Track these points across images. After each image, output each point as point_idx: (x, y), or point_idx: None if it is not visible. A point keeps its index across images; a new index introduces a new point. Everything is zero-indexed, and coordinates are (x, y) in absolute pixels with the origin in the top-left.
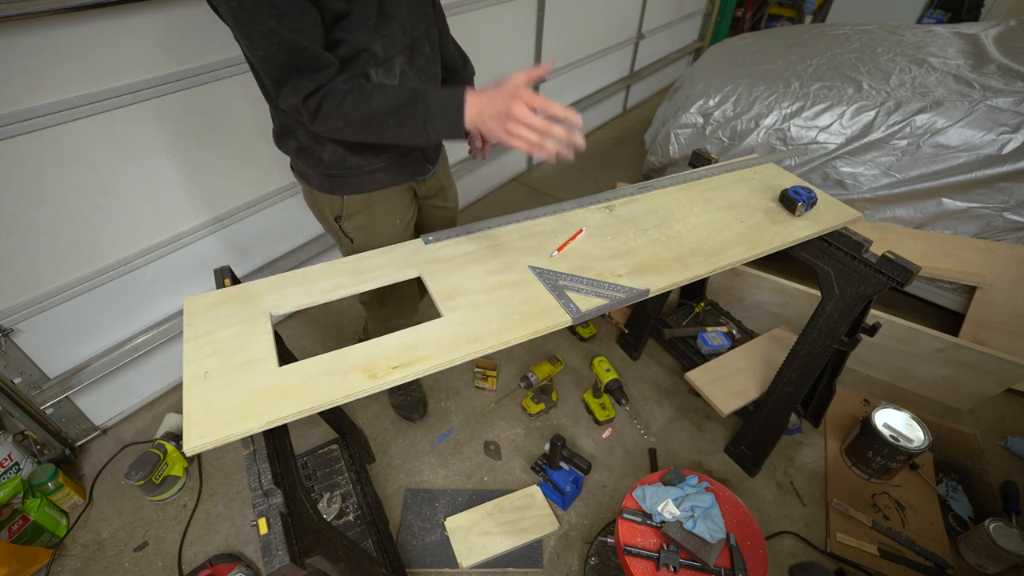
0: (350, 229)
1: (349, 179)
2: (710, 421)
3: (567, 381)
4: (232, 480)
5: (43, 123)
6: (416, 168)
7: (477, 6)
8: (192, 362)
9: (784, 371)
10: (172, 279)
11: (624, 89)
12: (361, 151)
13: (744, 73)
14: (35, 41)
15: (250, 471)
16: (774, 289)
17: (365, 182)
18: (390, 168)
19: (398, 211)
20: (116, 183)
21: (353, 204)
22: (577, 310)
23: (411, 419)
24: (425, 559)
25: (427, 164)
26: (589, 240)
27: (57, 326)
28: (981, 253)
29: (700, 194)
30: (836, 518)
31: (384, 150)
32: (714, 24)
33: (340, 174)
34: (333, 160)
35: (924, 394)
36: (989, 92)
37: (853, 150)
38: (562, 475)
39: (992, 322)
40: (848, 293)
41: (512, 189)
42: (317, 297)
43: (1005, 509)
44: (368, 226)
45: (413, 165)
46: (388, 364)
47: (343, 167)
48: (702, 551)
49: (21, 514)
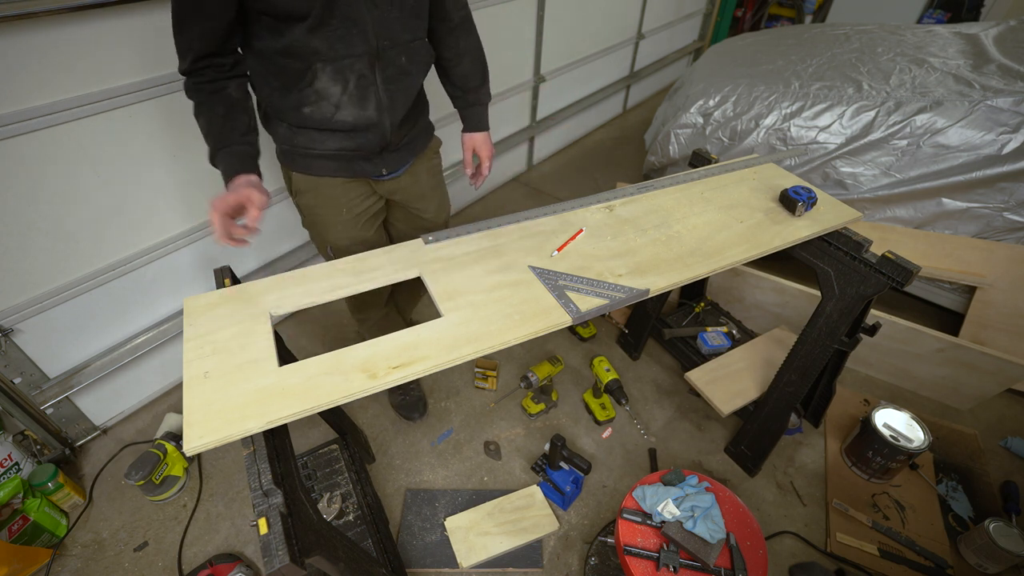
0: (300, 205)
1: (298, 157)
2: (710, 421)
3: (567, 381)
4: (232, 480)
5: (43, 123)
6: (364, 168)
7: (477, 6)
8: (192, 362)
9: (784, 371)
10: (172, 279)
11: (624, 89)
12: (306, 134)
13: (744, 73)
14: (35, 41)
15: (250, 471)
16: (774, 289)
17: (311, 165)
18: (336, 159)
19: (345, 201)
20: (116, 183)
21: (301, 181)
22: (577, 310)
23: (411, 419)
24: (425, 559)
25: (381, 168)
26: (589, 240)
27: (57, 326)
28: (981, 253)
29: (700, 194)
30: (836, 518)
31: (327, 141)
32: (714, 24)
33: (289, 150)
34: (285, 135)
35: (924, 394)
36: (989, 92)
37: (853, 150)
38: (562, 475)
39: (992, 322)
40: (848, 293)
41: (512, 189)
42: (317, 297)
43: (1005, 509)
44: (314, 207)
45: (360, 164)
46: (388, 364)
47: (291, 144)
48: (702, 551)
49: (21, 514)
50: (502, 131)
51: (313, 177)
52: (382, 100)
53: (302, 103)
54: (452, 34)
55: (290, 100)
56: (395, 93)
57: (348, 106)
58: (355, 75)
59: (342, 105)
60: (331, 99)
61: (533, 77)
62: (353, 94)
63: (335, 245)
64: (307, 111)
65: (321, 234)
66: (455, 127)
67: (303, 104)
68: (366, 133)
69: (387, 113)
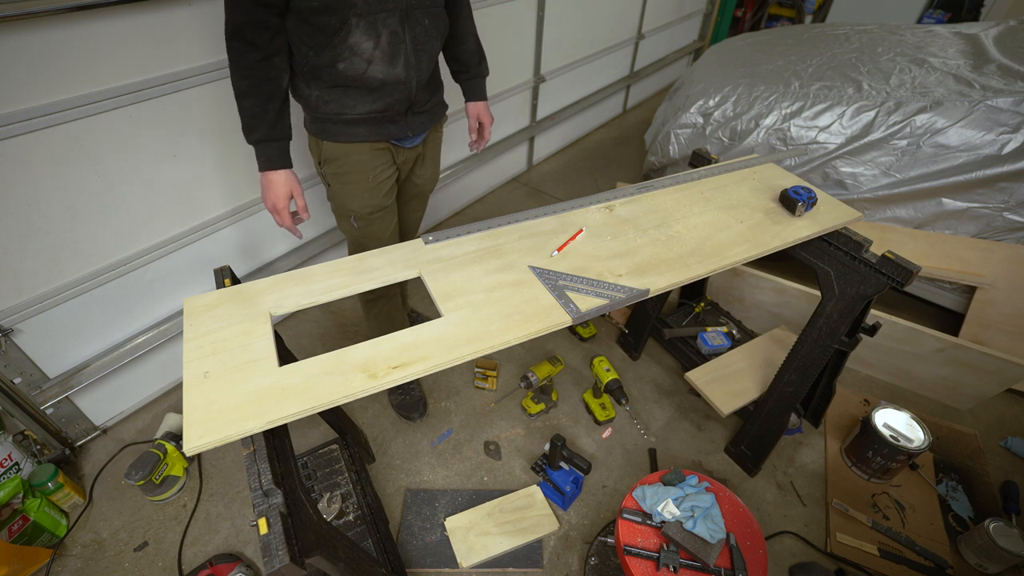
0: (328, 174)
1: (328, 126)
2: (710, 421)
3: (567, 381)
4: (232, 480)
5: (43, 123)
6: (393, 131)
7: (477, 6)
8: (192, 362)
9: (784, 371)
10: (172, 279)
11: (624, 89)
12: (340, 100)
13: (744, 73)
14: (35, 41)
15: (250, 471)
16: (774, 289)
17: (342, 132)
18: (367, 123)
19: (371, 167)
20: (116, 183)
21: (331, 150)
22: (577, 310)
23: (411, 419)
24: (425, 559)
25: (406, 130)
26: (589, 240)
27: (57, 326)
28: (981, 253)
29: (700, 194)
30: (836, 518)
31: (358, 104)
32: (714, 24)
33: (321, 119)
34: (316, 104)
35: (924, 394)
36: (989, 92)
37: (853, 150)
38: (562, 475)
39: (992, 322)
40: (848, 293)
41: (512, 189)
42: (317, 297)
43: (1005, 509)
44: (343, 175)
45: (390, 127)
46: (388, 364)
47: (323, 113)
48: (702, 551)
49: (21, 514)
50: (502, 131)
51: (343, 144)
52: (410, 59)
53: (336, 59)
54: (460, 15)
55: (324, 58)
56: (420, 54)
57: (380, 62)
58: (387, 31)
59: (374, 60)
60: (363, 54)
61: (533, 77)
62: (385, 50)
63: (359, 213)
64: (341, 67)
65: (345, 203)
66: (455, 128)
67: (337, 60)
68: (395, 90)
69: (414, 72)
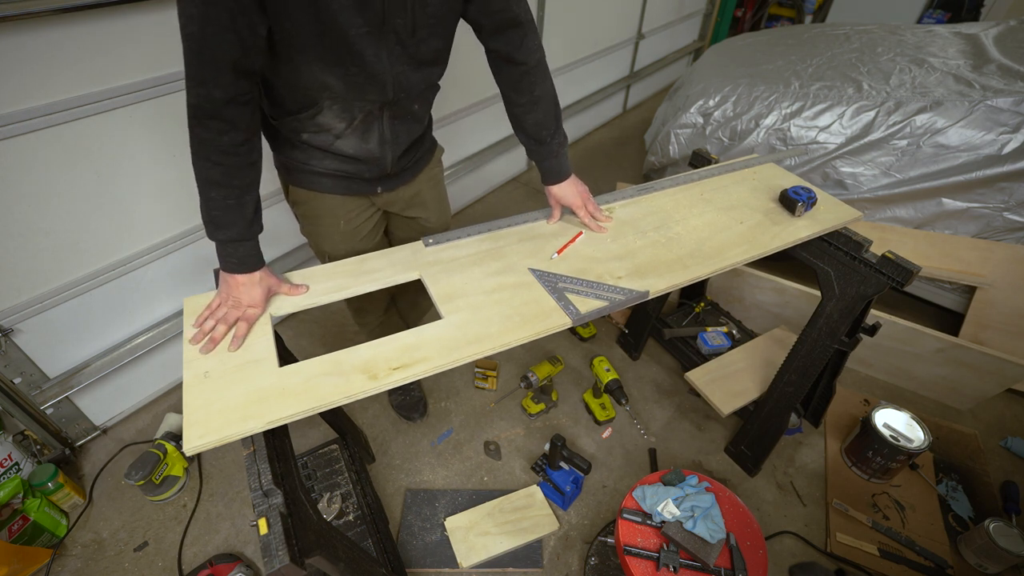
0: (297, 214)
1: (294, 172)
2: (710, 421)
3: (567, 381)
4: (232, 480)
5: (43, 123)
6: (362, 187)
7: None
8: (192, 362)
9: (784, 371)
10: (172, 279)
11: (624, 89)
12: (305, 150)
13: (744, 73)
14: (35, 41)
15: (250, 471)
16: (774, 289)
17: (307, 180)
18: (333, 178)
19: (342, 214)
20: (116, 183)
21: (297, 193)
22: (577, 312)
23: (411, 419)
24: (425, 559)
25: (377, 187)
26: (589, 242)
27: (57, 326)
28: (981, 253)
29: (700, 195)
30: (836, 518)
31: (325, 160)
32: (714, 24)
33: (286, 162)
34: (280, 147)
35: (924, 394)
36: (989, 92)
37: (853, 150)
38: (562, 475)
39: (992, 322)
40: (848, 293)
41: (512, 189)
42: (317, 297)
43: (1005, 509)
44: (311, 218)
45: (358, 185)
46: (389, 365)
47: (288, 156)
48: (702, 551)
49: (21, 514)
50: (502, 131)
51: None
52: (385, 135)
53: (301, 131)
54: (527, 78)
55: (287, 125)
56: (399, 129)
57: (350, 138)
58: (362, 113)
59: (344, 136)
60: (333, 131)
61: None
62: (357, 128)
63: (332, 255)
64: (305, 137)
65: (318, 244)
66: (456, 127)
67: (302, 131)
68: (366, 163)
69: (389, 147)
